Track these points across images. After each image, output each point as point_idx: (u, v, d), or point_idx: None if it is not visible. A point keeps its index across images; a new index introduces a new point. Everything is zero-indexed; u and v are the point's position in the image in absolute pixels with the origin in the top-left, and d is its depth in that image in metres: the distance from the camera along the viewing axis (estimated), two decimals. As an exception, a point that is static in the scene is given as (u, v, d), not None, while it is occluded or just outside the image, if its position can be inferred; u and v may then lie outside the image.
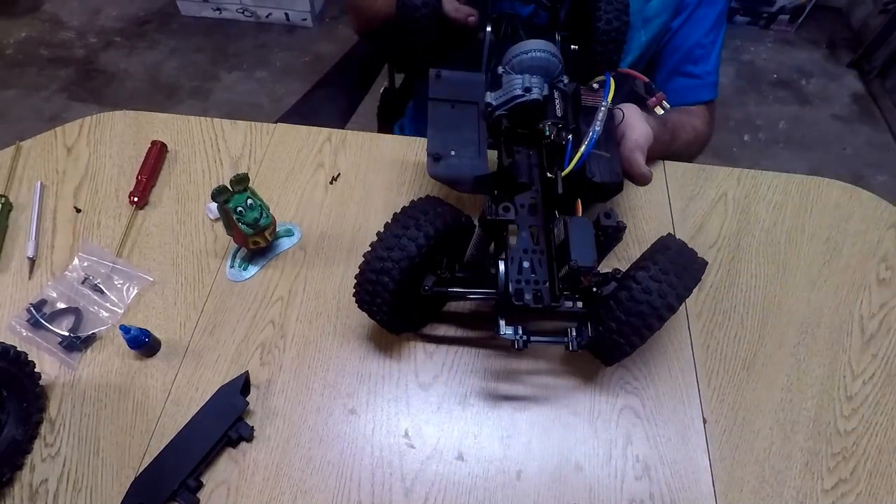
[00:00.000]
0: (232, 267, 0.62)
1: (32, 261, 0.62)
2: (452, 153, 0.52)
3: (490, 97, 0.54)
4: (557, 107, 0.53)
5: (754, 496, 0.50)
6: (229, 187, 0.55)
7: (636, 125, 0.58)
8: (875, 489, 0.51)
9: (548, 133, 0.52)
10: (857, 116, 1.89)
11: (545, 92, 0.52)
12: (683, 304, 0.60)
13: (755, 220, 0.67)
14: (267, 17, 2.08)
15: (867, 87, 1.96)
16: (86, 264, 0.62)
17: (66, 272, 0.61)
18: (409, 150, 0.72)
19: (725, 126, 1.83)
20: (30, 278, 0.61)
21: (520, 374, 0.56)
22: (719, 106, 0.84)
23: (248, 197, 0.56)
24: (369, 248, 0.48)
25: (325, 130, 0.73)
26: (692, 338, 0.58)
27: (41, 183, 0.68)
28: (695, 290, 0.61)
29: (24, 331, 0.57)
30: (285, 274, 0.62)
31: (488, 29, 0.62)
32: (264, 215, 0.58)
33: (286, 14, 2.07)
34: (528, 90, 0.52)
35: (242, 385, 0.52)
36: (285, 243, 0.64)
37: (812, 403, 0.55)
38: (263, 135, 0.73)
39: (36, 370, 0.52)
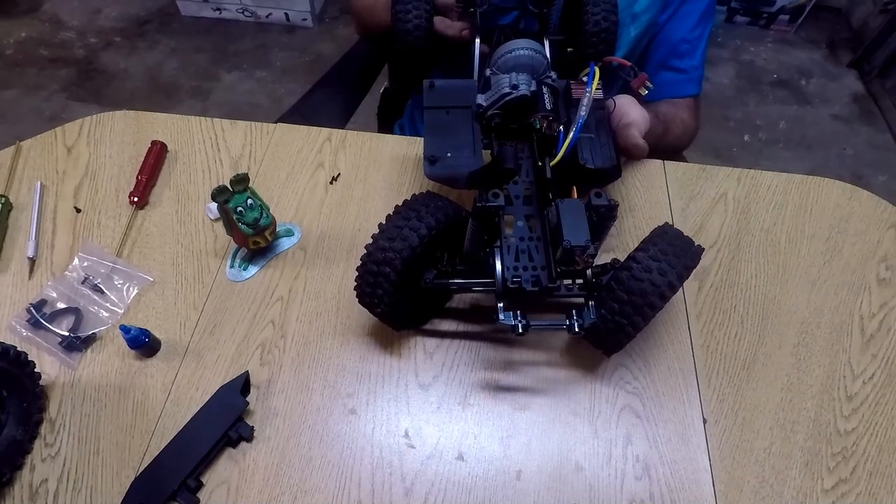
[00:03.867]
0: (232, 267, 0.62)
1: (32, 261, 0.62)
2: (448, 155, 0.54)
3: (481, 98, 0.55)
4: (547, 101, 0.54)
5: (754, 496, 0.50)
6: (229, 187, 0.55)
7: (630, 110, 0.59)
8: (875, 489, 0.51)
9: (538, 125, 0.53)
10: (857, 116, 1.89)
11: (533, 88, 0.53)
12: (683, 304, 0.60)
13: (755, 220, 0.67)
14: (267, 17, 2.08)
15: (867, 87, 1.95)
16: (86, 264, 0.62)
17: (66, 272, 0.61)
18: (409, 149, 0.72)
19: (725, 126, 1.83)
20: (30, 278, 0.61)
21: (520, 371, 0.56)
22: (719, 106, 0.85)
23: (248, 197, 0.56)
24: (371, 240, 0.48)
25: (325, 130, 0.73)
26: (692, 338, 0.58)
27: (41, 183, 0.68)
28: (695, 290, 0.61)
29: (24, 331, 0.57)
30: (285, 274, 0.62)
31: (478, 41, 0.64)
32: (264, 215, 0.58)
33: (286, 14, 2.07)
34: (515, 87, 0.52)
35: (242, 385, 0.52)
36: (285, 243, 0.64)
37: (812, 403, 0.55)
38: (263, 135, 0.73)
39: (36, 370, 0.52)
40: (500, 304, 0.47)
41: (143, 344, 0.54)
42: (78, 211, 0.66)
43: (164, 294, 0.60)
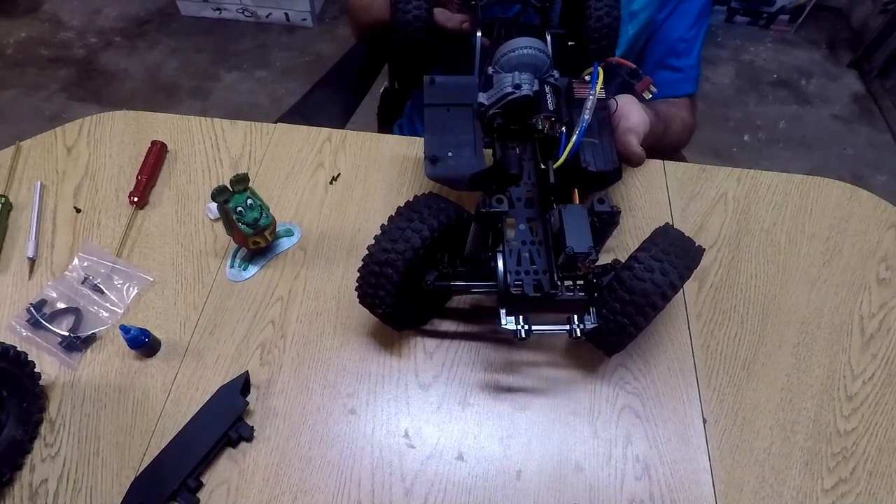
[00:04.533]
0: (232, 267, 0.62)
1: (32, 261, 0.62)
2: (449, 154, 0.53)
3: (482, 97, 0.55)
4: (549, 101, 0.54)
5: (754, 496, 0.50)
6: (229, 187, 0.55)
7: (631, 113, 0.59)
8: (875, 489, 0.51)
9: (540, 126, 0.53)
10: (857, 116, 1.89)
11: (535, 87, 0.53)
12: (683, 304, 0.60)
13: (755, 220, 0.67)
14: (267, 17, 2.08)
15: (867, 87, 1.95)
16: (86, 264, 0.62)
17: (66, 272, 0.61)
18: (409, 149, 0.72)
19: (725, 126, 1.83)
20: (30, 278, 0.61)
21: (520, 371, 0.56)
22: (719, 106, 0.85)
23: (248, 197, 0.56)
24: (373, 241, 0.48)
25: (325, 130, 0.73)
26: (692, 338, 0.58)
27: (41, 183, 0.68)
28: (695, 290, 0.61)
29: (24, 331, 0.57)
30: (285, 274, 0.62)
31: (479, 34, 0.63)
32: (264, 215, 0.58)
33: (286, 14, 2.07)
34: (517, 87, 0.52)
35: (242, 385, 0.52)
36: (285, 243, 0.64)
37: (812, 403, 0.55)
38: (263, 135, 0.73)
39: (36, 370, 0.52)
40: (503, 310, 0.47)
41: (143, 344, 0.54)
42: (78, 211, 0.66)
43: (164, 294, 0.60)
